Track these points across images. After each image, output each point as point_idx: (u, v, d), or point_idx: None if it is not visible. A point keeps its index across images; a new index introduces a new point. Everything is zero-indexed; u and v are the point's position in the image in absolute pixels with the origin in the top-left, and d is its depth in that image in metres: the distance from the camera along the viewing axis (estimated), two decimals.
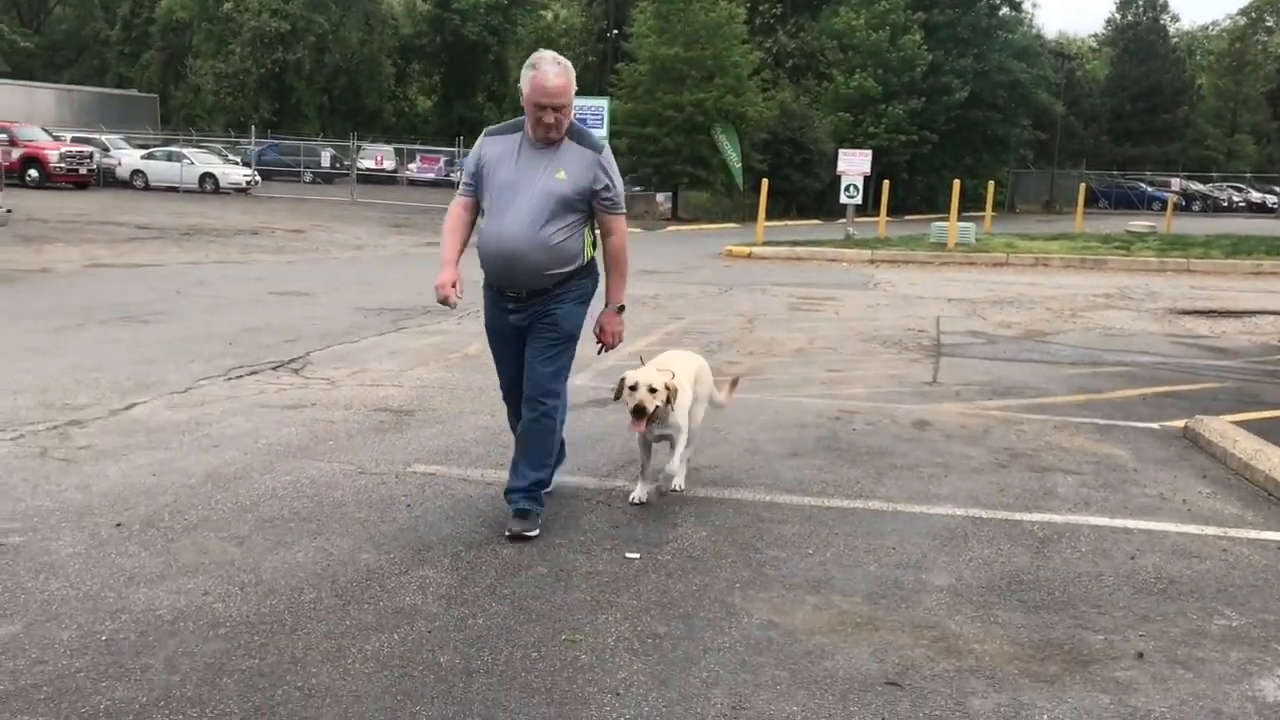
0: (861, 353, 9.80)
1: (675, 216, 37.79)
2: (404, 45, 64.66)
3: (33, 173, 33.46)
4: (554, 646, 3.52)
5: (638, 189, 41.45)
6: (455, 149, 40.55)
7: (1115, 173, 60.47)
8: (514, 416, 4.94)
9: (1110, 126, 66.75)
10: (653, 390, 4.78)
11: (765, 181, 26.16)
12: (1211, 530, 4.96)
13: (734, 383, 6.15)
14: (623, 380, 4.88)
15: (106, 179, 36.99)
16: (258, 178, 39.06)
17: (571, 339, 4.72)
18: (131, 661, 3.28)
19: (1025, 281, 17.41)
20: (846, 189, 24.51)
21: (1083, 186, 35.13)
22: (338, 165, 46.48)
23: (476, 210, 4.71)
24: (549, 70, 4.40)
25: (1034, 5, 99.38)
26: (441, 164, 47.95)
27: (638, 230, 30.80)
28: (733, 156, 36.84)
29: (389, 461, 5.65)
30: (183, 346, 8.76)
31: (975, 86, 46.33)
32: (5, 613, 3.62)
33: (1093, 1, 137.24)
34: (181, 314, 10.60)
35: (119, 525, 4.51)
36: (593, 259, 4.77)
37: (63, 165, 34.04)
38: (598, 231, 4.76)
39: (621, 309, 4.83)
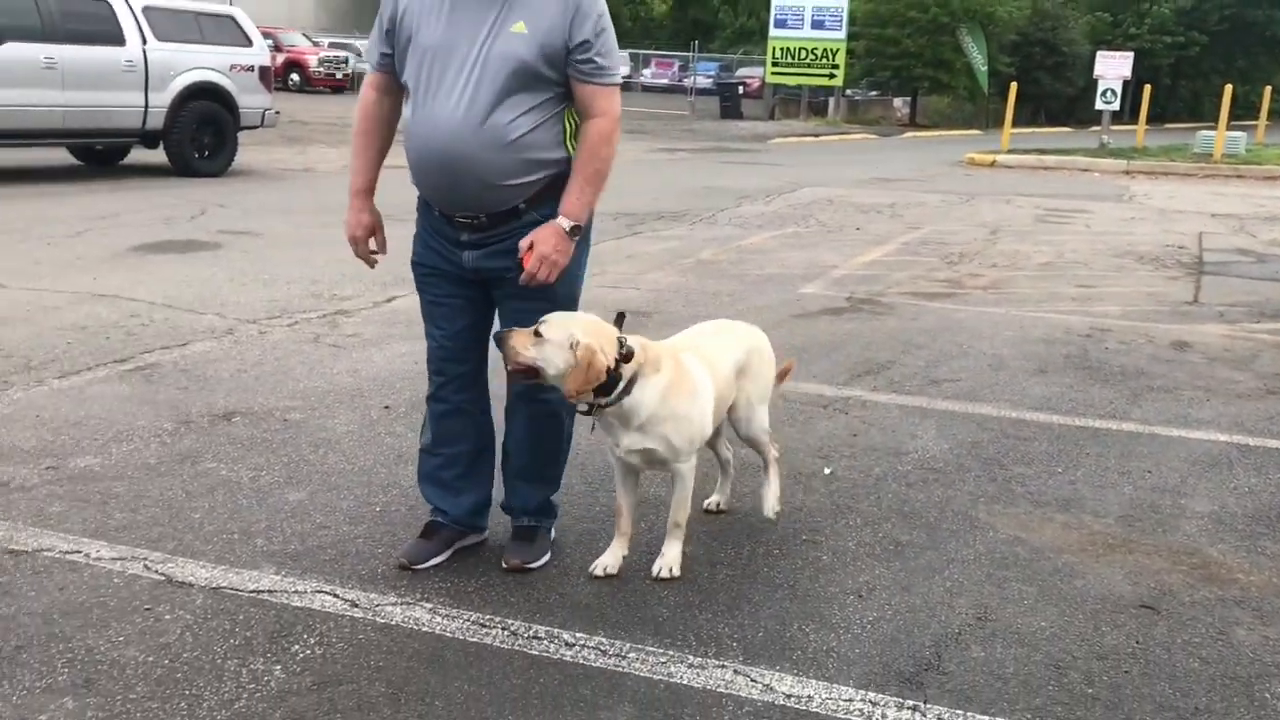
0: (1115, 268, 9.29)
1: (913, 122, 36.52)
2: None
3: (294, 77, 35.49)
4: (795, 545, 3.57)
5: (874, 94, 40.25)
6: (690, 54, 40.29)
7: None
8: (443, 404, 3.39)
9: None
10: (538, 335, 2.97)
11: (1013, 85, 24.83)
12: None
13: (784, 373, 4.03)
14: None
15: (360, 83, 38.83)
16: None
17: (571, 301, 3.27)
18: (403, 533, 3.54)
19: None
20: (1103, 94, 22.94)
21: None
22: None
23: (397, 90, 3.22)
24: None
25: None
26: (675, 69, 47.83)
27: (873, 136, 29.97)
28: (978, 59, 35.12)
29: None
30: None
31: None
32: (293, 480, 3.97)
33: None
34: None
35: (387, 407, 4.84)
36: (567, 154, 3.12)
37: (321, 70, 35.95)
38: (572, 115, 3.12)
39: (576, 230, 3.07)
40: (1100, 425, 4.96)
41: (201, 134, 13.36)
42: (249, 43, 13.88)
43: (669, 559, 3.30)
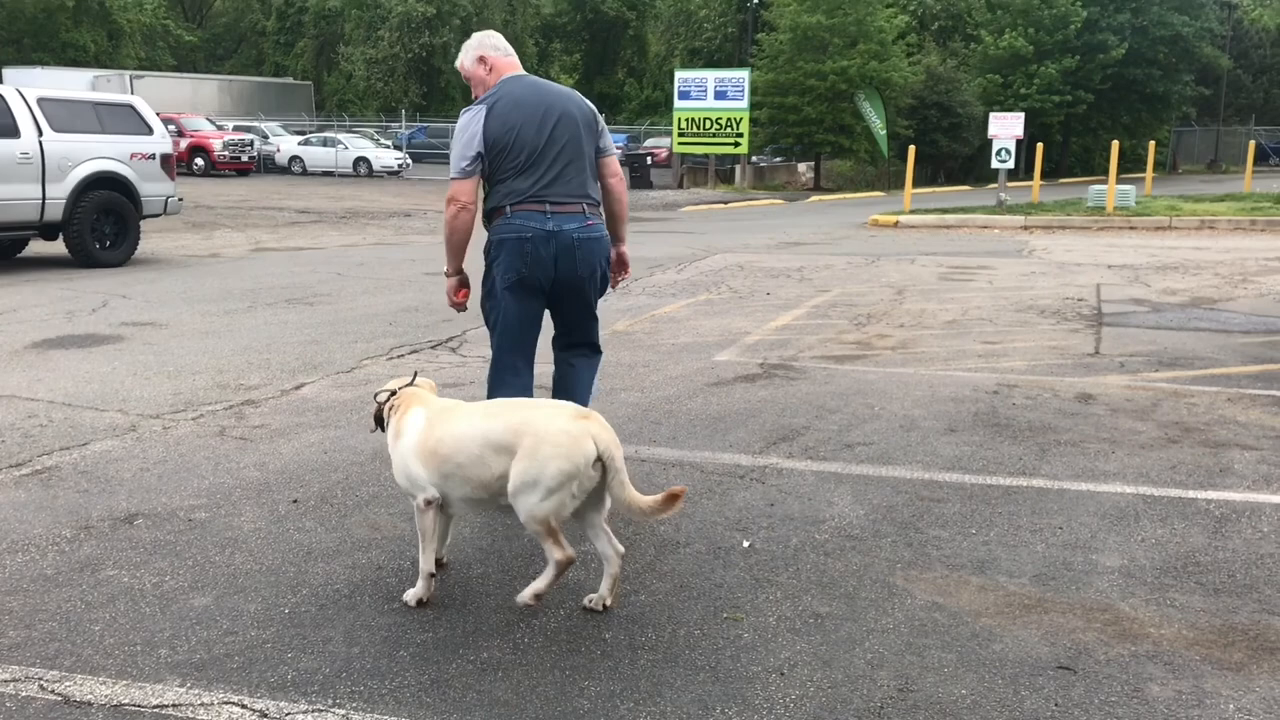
0: (1018, 323, 9.52)
1: (818, 186, 37.34)
2: (545, 24, 65.36)
3: (199, 161, 35.17)
4: (716, 624, 3.54)
5: (779, 159, 41.11)
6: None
7: None
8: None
9: None
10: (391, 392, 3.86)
11: (912, 148, 25.57)
12: None
13: (672, 498, 3.47)
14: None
15: (266, 165, 38.58)
16: (409, 161, 40.14)
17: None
18: (313, 634, 3.44)
19: (1190, 245, 16.61)
20: (998, 153, 23.71)
21: (1252, 144, 33.21)
22: None
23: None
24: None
25: None
26: None
27: (780, 201, 30.54)
28: (877, 123, 36.13)
29: None
30: (346, 327, 9.09)
31: (1133, 43, 44.23)
32: (198, 584, 3.83)
33: None
34: (343, 295, 10.99)
35: (295, 502, 4.72)
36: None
37: (226, 153, 35.66)
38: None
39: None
40: (1010, 483, 5.04)
41: (102, 224, 13.11)
42: (149, 130, 13.71)
43: (413, 592, 3.66)
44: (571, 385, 4.76)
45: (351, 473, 5.13)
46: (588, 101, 4.75)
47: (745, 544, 4.26)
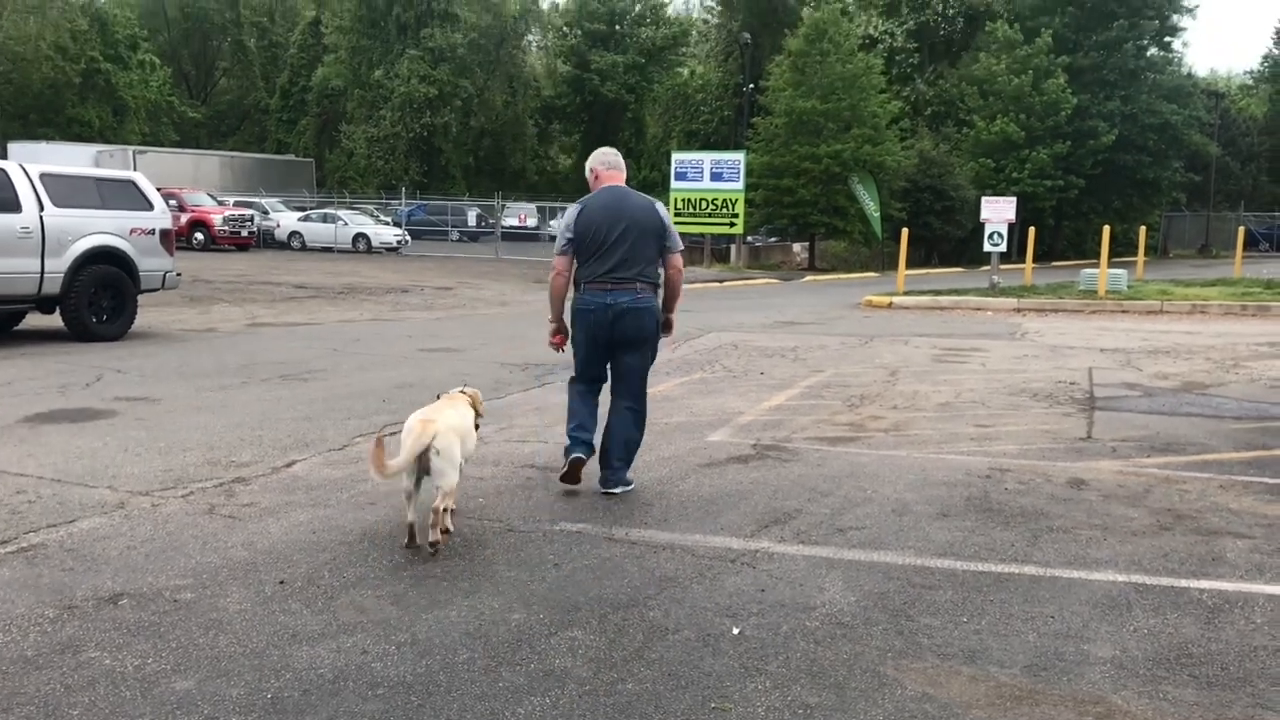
0: (1010, 406, 9.54)
1: (812, 266, 37.65)
2: (545, 106, 66.42)
3: (199, 236, 35.47)
4: (704, 715, 3.50)
5: (774, 240, 41.51)
6: None
7: (1277, 214, 57.63)
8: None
9: (1270, 166, 63.72)
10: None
11: (905, 230, 25.85)
12: None
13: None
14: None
15: (266, 240, 38.92)
16: (408, 237, 40.48)
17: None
18: None
19: (1182, 330, 16.71)
20: (990, 236, 24.00)
21: (1241, 229, 33.62)
22: (483, 224, 47.84)
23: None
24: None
25: (1184, 45, 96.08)
26: None
27: (774, 280, 30.78)
28: (871, 206, 36.56)
29: (536, 519, 5.73)
30: (339, 403, 9.09)
31: (1123, 129, 44.98)
32: (180, 668, 3.79)
33: (1248, 37, 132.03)
34: (338, 371, 11.01)
35: (282, 583, 4.68)
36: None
37: (226, 228, 35.98)
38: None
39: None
40: (1003, 570, 5.02)
41: (100, 298, 13.18)
42: (149, 206, 13.85)
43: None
44: (612, 426, 6.41)
45: (340, 553, 5.10)
46: (661, 212, 6.35)
47: (735, 631, 4.23)
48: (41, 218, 12.44)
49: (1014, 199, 25.59)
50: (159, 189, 14.81)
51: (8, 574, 4.75)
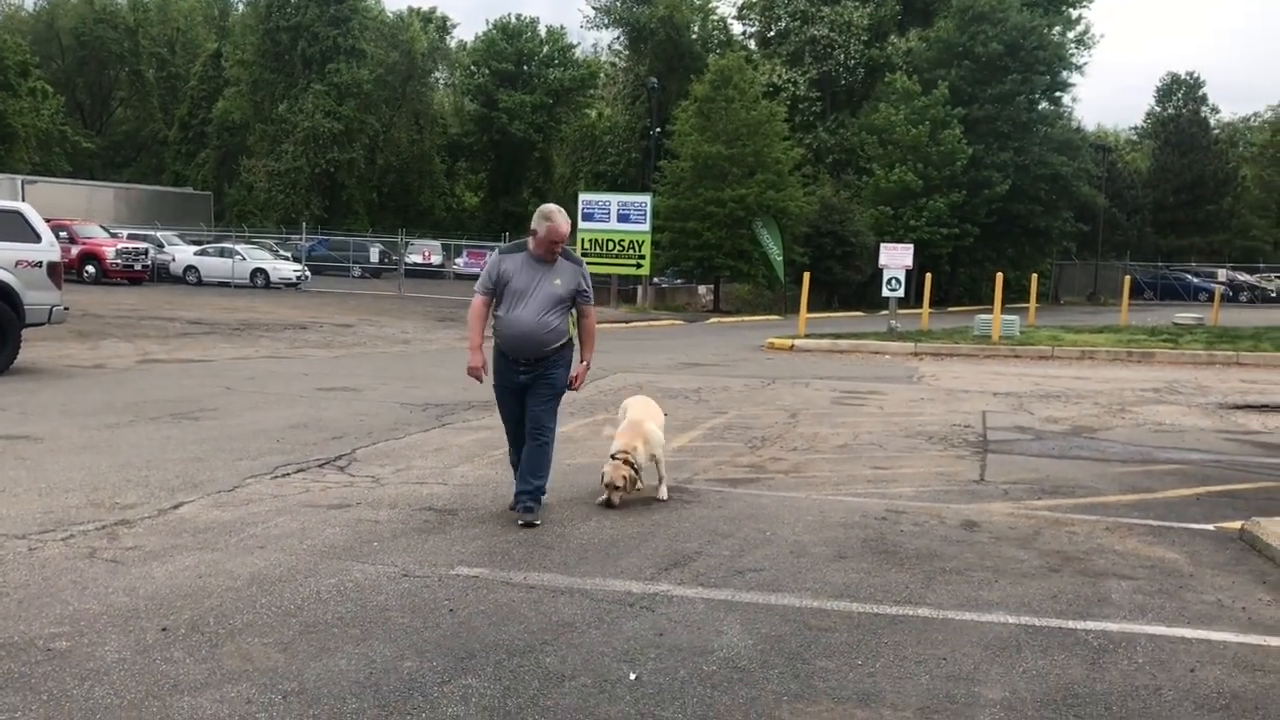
0: (907, 449, 9.71)
1: (717, 308, 38.00)
2: (452, 144, 66.29)
3: (90, 269, 34.41)
4: None
5: (679, 282, 41.85)
6: (501, 244, 41.24)
7: (1160, 264, 60.14)
8: (515, 451, 6.98)
9: (1154, 218, 66.59)
10: (616, 488, 7.07)
11: (807, 274, 26.29)
12: (1275, 641, 4.81)
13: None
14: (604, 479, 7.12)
15: (161, 275, 37.92)
16: (308, 273, 39.85)
17: (561, 392, 6.85)
18: None
19: (1071, 375, 17.25)
20: (888, 282, 24.54)
21: (1127, 278, 34.96)
22: (386, 260, 47.37)
23: (490, 306, 6.78)
24: (561, 221, 6.55)
25: (1074, 100, 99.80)
26: (487, 258, 48.67)
27: (680, 322, 31.04)
28: (774, 250, 37.13)
29: (433, 563, 5.63)
30: (231, 444, 8.86)
31: (1016, 179, 46.51)
32: None
33: (1132, 95, 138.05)
34: (230, 410, 10.74)
35: (164, 630, 4.52)
36: (571, 335, 6.84)
37: (119, 262, 34.97)
38: (574, 315, 6.87)
39: (587, 366, 7.03)
40: (897, 611, 5.07)
41: None
42: (37, 238, 13.40)
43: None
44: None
45: (226, 599, 4.94)
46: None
47: (632, 676, 4.19)
48: None
49: (911, 246, 26.25)
50: (48, 220, 14.35)
51: None
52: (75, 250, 33.41)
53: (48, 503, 6.67)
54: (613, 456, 7.07)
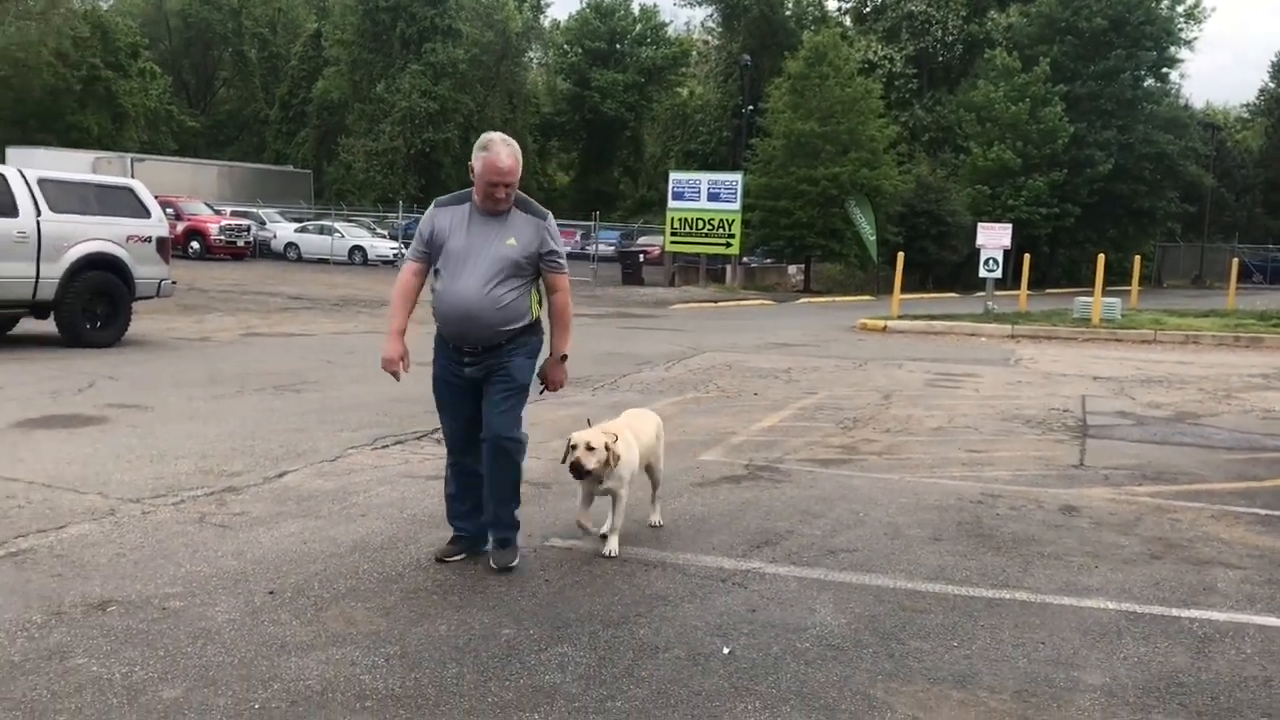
0: (1003, 432, 9.55)
1: (808, 288, 37.70)
2: (544, 123, 66.60)
3: (195, 245, 35.43)
4: None
5: (769, 261, 41.59)
6: (591, 223, 41.37)
7: (1270, 246, 57.91)
8: (457, 474, 5.31)
9: (1265, 198, 64.05)
10: (590, 448, 5.13)
11: (901, 254, 25.91)
12: None
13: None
14: (568, 441, 5.25)
15: (262, 251, 38.89)
16: (404, 250, 40.44)
17: (524, 389, 5.15)
18: None
19: (1175, 360, 16.75)
20: (985, 263, 24.05)
21: (1235, 261, 33.75)
22: None
23: (425, 275, 5.17)
24: (501, 151, 4.86)
25: (1181, 77, 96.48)
26: (577, 237, 48.85)
27: (769, 302, 30.84)
28: (867, 229, 36.67)
29: (528, 535, 5.71)
30: (332, 415, 9.08)
31: (1120, 159, 45.23)
32: (168, 676, 3.77)
33: (1245, 71, 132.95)
34: (331, 383, 10.99)
35: (271, 593, 4.67)
36: (538, 317, 5.18)
37: (222, 238, 35.96)
38: (543, 291, 5.20)
39: (564, 358, 5.23)
40: (994, 595, 5.01)
41: (94, 304, 13.15)
42: (147, 213, 13.84)
43: (613, 541, 5.46)
44: None
45: (330, 564, 5.08)
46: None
47: (726, 650, 4.22)
48: (38, 223, 12.42)
49: (1009, 226, 25.67)
50: (156, 197, 14.78)
51: None
52: (181, 226, 34.38)
53: (158, 469, 6.92)
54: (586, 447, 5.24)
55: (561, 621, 4.47)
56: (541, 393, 5.31)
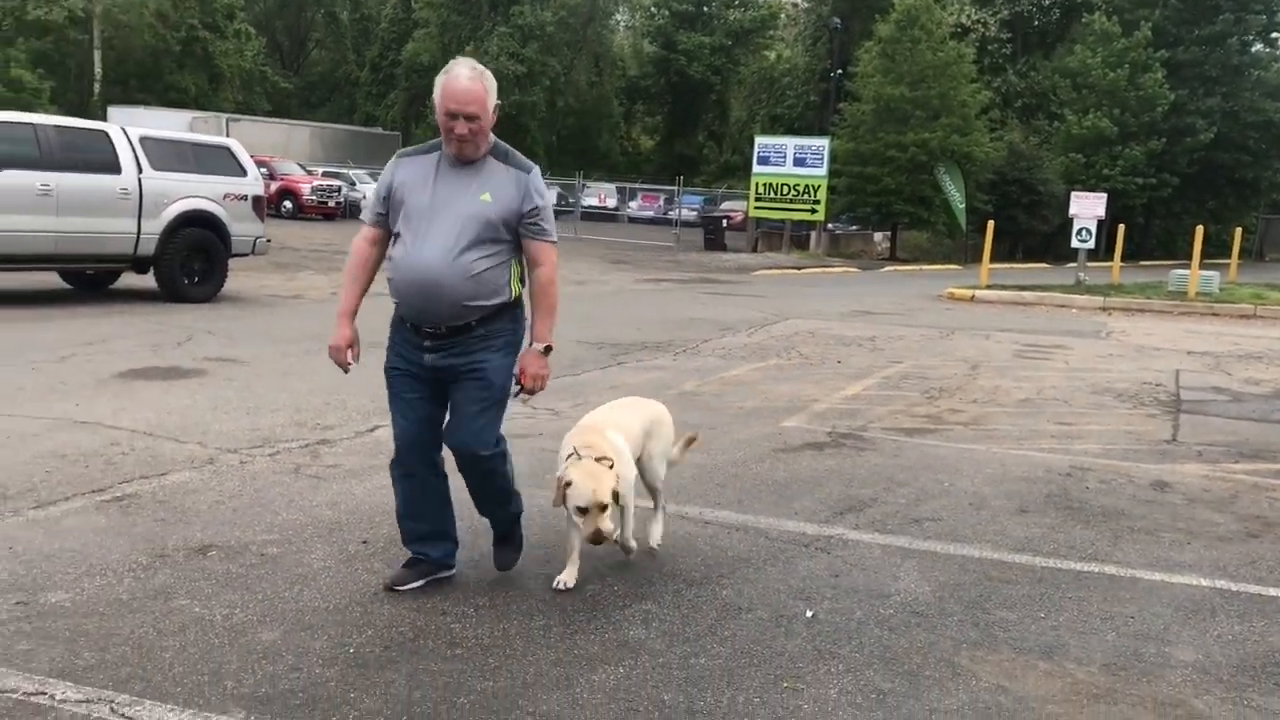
0: (1093, 405, 9.37)
1: (893, 256, 37.20)
2: (630, 86, 66.36)
3: (287, 204, 36.09)
4: (776, 694, 3.52)
5: (855, 228, 41.10)
6: (675, 187, 41.24)
7: None
8: (406, 477, 4.27)
9: None
10: (603, 507, 4.08)
11: (991, 223, 25.40)
12: None
13: (690, 441, 5.30)
14: (559, 480, 4.20)
15: (352, 211, 39.41)
16: None
17: (503, 397, 4.20)
18: (376, 675, 3.49)
19: (1275, 336, 16.21)
20: (1078, 233, 23.46)
21: None
22: (563, 202, 48.01)
23: (385, 243, 4.21)
24: (460, 73, 3.96)
25: None
26: (661, 202, 48.81)
27: (854, 269, 30.49)
28: (956, 197, 36.00)
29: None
30: None
31: (1223, 127, 43.66)
32: (266, 619, 3.91)
33: None
34: None
35: (365, 542, 4.80)
36: (520, 297, 4.21)
37: (314, 198, 36.57)
38: (522, 263, 4.19)
39: (548, 349, 4.13)
40: (1082, 568, 4.95)
41: (192, 260, 13.51)
42: (243, 172, 14.15)
43: (656, 533, 4.85)
44: None
45: None
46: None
47: (808, 614, 4.23)
48: (140, 180, 12.77)
49: (1104, 195, 24.98)
50: (250, 156, 15.10)
51: (103, 521, 4.92)
52: (274, 186, 35.03)
53: (255, 420, 7.12)
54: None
55: (645, 579, 4.52)
56: (516, 394, 4.20)
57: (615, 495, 4.15)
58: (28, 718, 3.10)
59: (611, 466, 4.19)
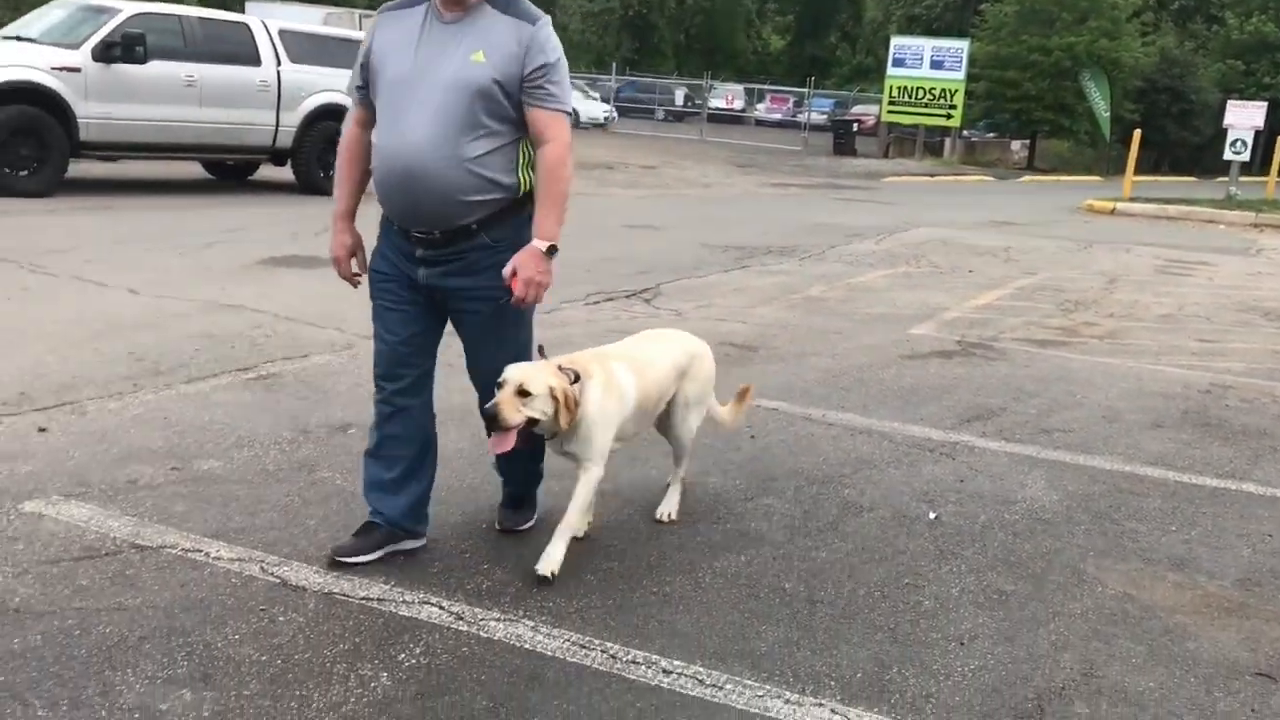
0: (1238, 323, 9.00)
1: (1031, 165, 35.89)
2: None
3: None
4: (897, 589, 3.54)
5: (991, 135, 39.71)
6: (805, 89, 40.33)
7: None
8: (387, 406, 3.58)
9: None
10: (523, 393, 3.27)
11: (1137, 133, 24.25)
12: None
13: (742, 394, 4.36)
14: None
15: None
16: (615, 114, 40.56)
17: (524, 315, 3.52)
18: (509, 551, 3.63)
19: None
20: (1233, 144, 22.25)
21: None
22: (690, 104, 47.43)
23: (370, 126, 3.43)
24: None
25: None
26: (790, 105, 47.83)
27: (989, 178, 29.55)
28: (1101, 105, 34.41)
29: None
30: None
31: None
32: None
33: None
34: None
35: None
36: (521, 183, 3.34)
37: None
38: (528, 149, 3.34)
39: (552, 250, 3.28)
40: (1218, 485, 4.82)
41: (328, 154, 13.78)
42: None
43: (553, 560, 3.39)
44: None
45: None
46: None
47: (932, 515, 4.23)
48: (279, 73, 13.05)
49: (1264, 105, 23.58)
50: None
51: (250, 397, 5.17)
52: None
53: None
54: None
55: (767, 475, 4.57)
56: (504, 300, 3.32)
57: (556, 398, 3.27)
58: (186, 571, 3.31)
59: (576, 381, 3.36)
